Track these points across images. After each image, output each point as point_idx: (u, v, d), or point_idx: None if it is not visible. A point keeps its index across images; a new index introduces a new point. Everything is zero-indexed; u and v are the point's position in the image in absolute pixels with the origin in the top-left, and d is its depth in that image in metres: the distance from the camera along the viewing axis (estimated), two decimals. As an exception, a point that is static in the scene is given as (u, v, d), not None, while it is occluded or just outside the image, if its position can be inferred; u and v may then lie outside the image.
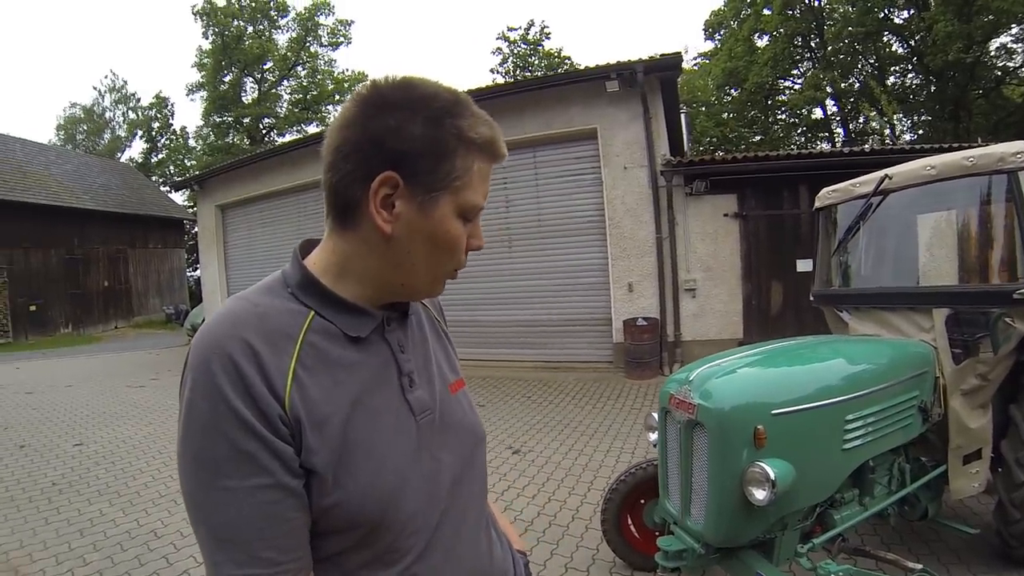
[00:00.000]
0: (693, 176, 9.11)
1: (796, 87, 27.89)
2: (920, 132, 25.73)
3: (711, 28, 30.30)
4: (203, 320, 8.92)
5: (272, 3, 34.07)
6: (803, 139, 29.55)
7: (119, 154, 37.83)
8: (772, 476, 2.08)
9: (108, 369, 12.79)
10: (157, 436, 6.83)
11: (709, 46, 31.72)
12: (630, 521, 3.29)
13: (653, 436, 2.77)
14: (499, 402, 7.75)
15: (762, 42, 27.51)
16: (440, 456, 0.91)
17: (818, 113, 29.03)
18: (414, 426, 0.88)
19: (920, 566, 2.36)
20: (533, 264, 10.33)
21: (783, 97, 28.98)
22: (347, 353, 0.84)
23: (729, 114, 29.97)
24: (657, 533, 3.00)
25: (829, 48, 25.86)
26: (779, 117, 30.16)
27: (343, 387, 0.82)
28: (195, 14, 32.76)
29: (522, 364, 10.11)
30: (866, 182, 3.56)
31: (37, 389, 10.40)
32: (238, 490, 0.72)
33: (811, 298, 4.00)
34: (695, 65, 33.40)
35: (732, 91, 29.49)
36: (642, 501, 3.26)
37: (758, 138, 29.29)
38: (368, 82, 0.85)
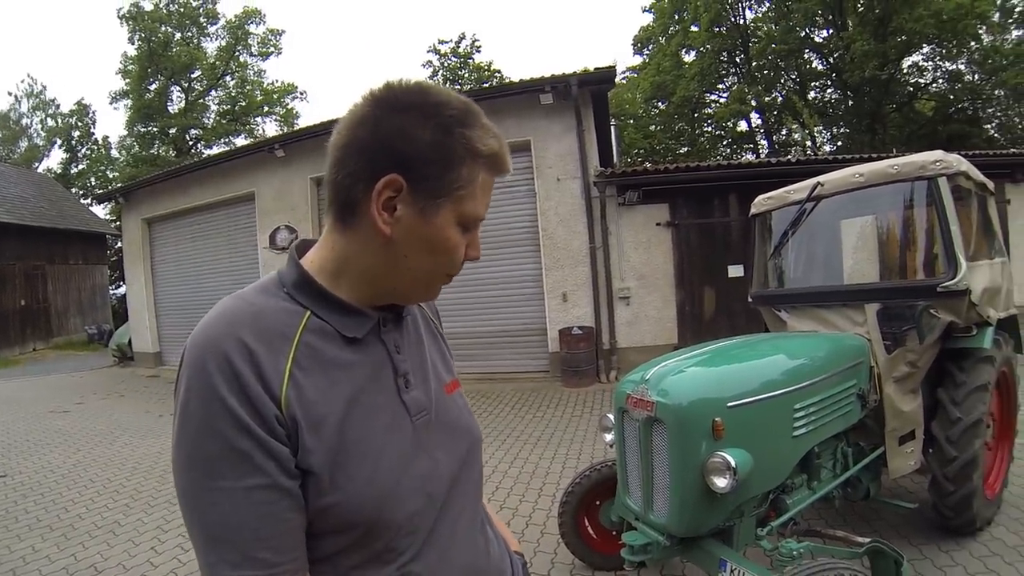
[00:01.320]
0: (626, 187, 9.36)
1: (722, 101, 28.96)
2: (839, 143, 26.98)
3: (640, 43, 31.05)
4: (129, 340, 8.63)
5: (201, 10, 33.14)
6: (729, 151, 30.61)
7: (36, 164, 35.82)
8: (733, 464, 2.21)
9: (28, 394, 12.14)
10: (87, 464, 6.53)
11: (638, 60, 32.51)
12: (587, 522, 3.37)
13: (609, 436, 2.87)
14: (437, 413, 7.69)
15: (689, 57, 28.37)
16: (436, 456, 0.92)
17: (743, 126, 30.12)
18: (410, 426, 0.89)
19: (869, 539, 2.51)
20: (468, 276, 10.16)
21: (709, 110, 30.00)
22: (343, 353, 0.85)
23: (657, 126, 30.69)
24: (615, 532, 3.14)
25: (754, 64, 26.97)
26: (706, 129, 31.10)
27: (339, 387, 0.82)
28: (121, 18, 31.41)
29: (461, 376, 9.98)
30: (799, 189, 3.80)
31: None
32: (233, 490, 0.72)
33: (749, 300, 4.19)
34: (623, 79, 33.99)
35: (660, 104, 30.22)
36: (597, 502, 3.34)
37: (685, 150, 30.06)
38: (382, 83, 0.86)
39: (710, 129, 31.02)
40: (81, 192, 33.34)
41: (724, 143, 30.99)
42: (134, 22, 31.36)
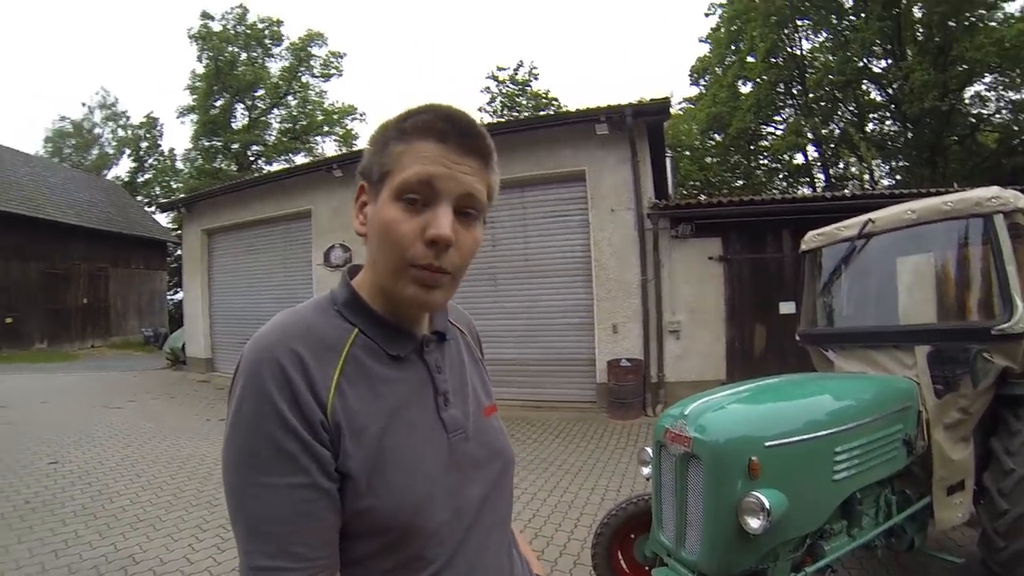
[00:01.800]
0: (679, 219, 9.28)
1: (778, 133, 28.45)
2: (898, 177, 26.26)
3: (696, 74, 30.96)
4: (183, 345, 9.00)
5: (267, 31, 34.42)
6: (785, 184, 30.10)
7: (106, 171, 37.52)
8: (767, 505, 2.17)
9: (84, 388, 12.62)
10: (135, 459, 6.76)
11: (695, 91, 32.32)
12: (620, 556, 3.32)
13: (646, 470, 2.84)
14: (482, 439, 7.73)
15: (746, 88, 28.07)
16: (469, 473, 0.95)
17: (800, 159, 29.61)
18: (446, 442, 0.93)
19: None
20: (518, 303, 10.40)
21: (765, 142, 29.58)
22: (387, 370, 0.90)
23: (713, 158, 30.39)
24: (647, 568, 3.07)
25: (810, 95, 26.47)
26: (762, 162, 30.65)
27: (382, 400, 0.87)
28: (191, 38, 33.10)
29: (506, 402, 10.09)
30: (850, 226, 3.72)
31: (11, 403, 10.25)
32: (276, 486, 0.77)
33: (797, 338, 4.11)
34: (680, 109, 33.83)
35: (716, 136, 29.94)
36: (632, 536, 3.29)
37: (740, 182, 29.72)
38: None
39: (766, 162, 30.56)
40: (146, 200, 34.74)
41: (780, 176, 30.52)
42: (203, 42, 32.92)
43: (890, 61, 24.32)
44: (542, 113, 28.02)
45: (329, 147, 37.49)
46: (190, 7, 56.95)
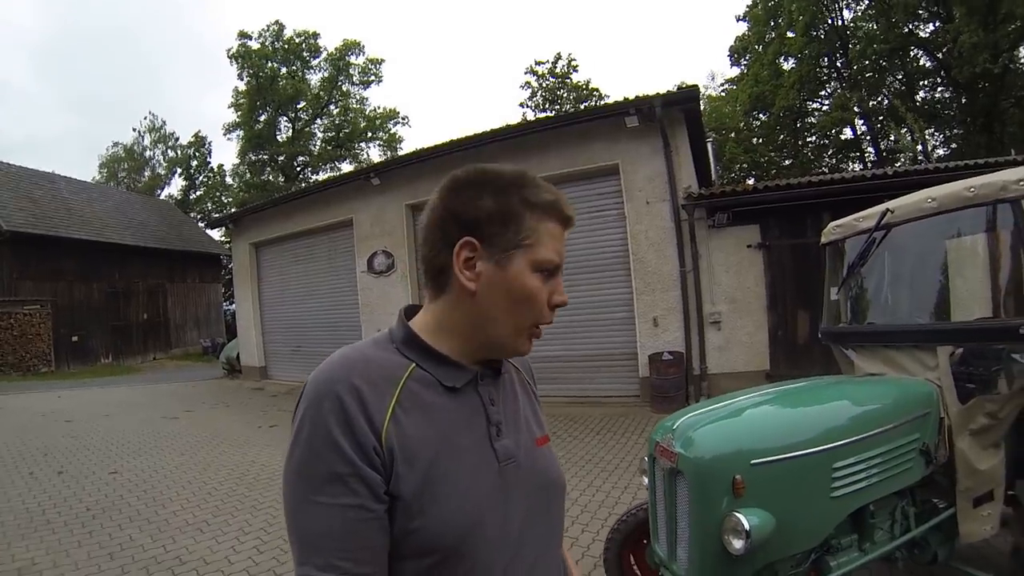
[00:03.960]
0: (715, 208, 9.12)
1: (824, 108, 27.67)
2: (954, 146, 25.19)
3: (736, 54, 30.11)
4: (237, 354, 9.48)
5: (304, 45, 35.22)
6: (834, 160, 29.12)
7: (159, 191, 39.22)
8: (747, 527, 2.10)
9: (145, 400, 13.13)
10: (188, 467, 7.04)
11: (735, 72, 31.59)
12: (633, 560, 3.25)
13: (646, 480, 2.78)
14: (525, 439, 7.76)
15: (788, 65, 27.27)
16: (519, 501, 0.99)
17: (848, 133, 28.62)
18: (496, 470, 0.97)
19: None
20: (559, 300, 10.36)
21: (812, 119, 28.67)
22: (442, 400, 0.95)
23: (758, 139, 29.60)
24: (659, 574, 2.99)
25: (855, 67, 25.55)
26: (809, 140, 29.74)
27: (435, 427, 0.92)
28: (231, 57, 34.19)
29: (551, 399, 10.08)
30: (868, 216, 3.47)
31: (76, 418, 10.73)
32: (329, 506, 0.83)
33: (819, 336, 3.94)
34: (723, 91, 33.19)
35: (760, 116, 29.19)
36: (644, 541, 3.19)
37: (788, 162, 28.89)
38: (450, 175, 1.02)
39: (814, 139, 29.57)
40: (199, 216, 36.03)
41: (829, 153, 29.54)
42: (243, 60, 33.96)
43: (937, 24, 23.29)
44: (584, 105, 27.93)
45: (373, 152, 38.26)
46: (229, 27, 59.26)
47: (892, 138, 26.73)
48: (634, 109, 9.20)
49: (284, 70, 35.29)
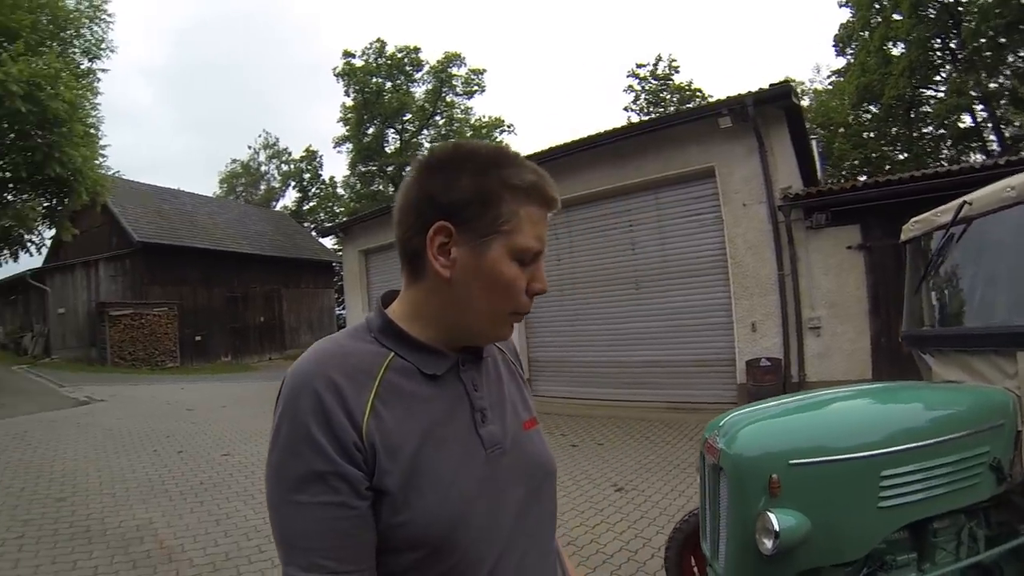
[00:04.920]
0: (812, 208, 8.85)
1: (939, 95, 25.55)
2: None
3: (841, 42, 28.40)
4: None
5: (407, 59, 36.55)
6: (953, 152, 26.94)
7: (274, 203, 42.10)
8: (776, 527, 2.05)
9: (259, 395, 14.22)
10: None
11: (841, 63, 29.88)
12: (693, 562, 3.16)
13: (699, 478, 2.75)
14: (618, 441, 7.95)
15: (896, 50, 25.26)
16: (508, 488, 0.96)
17: (967, 121, 26.11)
18: (483, 458, 0.94)
19: None
20: (659, 305, 10.46)
21: (927, 108, 26.49)
22: (423, 389, 0.92)
23: (869, 133, 27.83)
24: None
25: (969, 47, 23.08)
26: (924, 130, 27.48)
27: (417, 418, 0.89)
28: (337, 75, 36.12)
29: (648, 405, 10.18)
30: (946, 210, 3.20)
31: (197, 407, 12.05)
32: (309, 504, 0.81)
33: (900, 339, 3.72)
34: (829, 84, 31.62)
35: (870, 108, 27.33)
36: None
37: (903, 156, 26.97)
38: (427, 150, 1.03)
39: (930, 129, 27.25)
40: (312, 225, 38.17)
41: (947, 144, 27.21)
42: (348, 78, 35.68)
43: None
44: (688, 106, 27.49)
45: None
46: (334, 48, 62.29)
47: (1016, 123, 24.64)
48: (726, 109, 9.12)
49: (389, 84, 36.70)
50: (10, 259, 16.59)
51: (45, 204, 15.47)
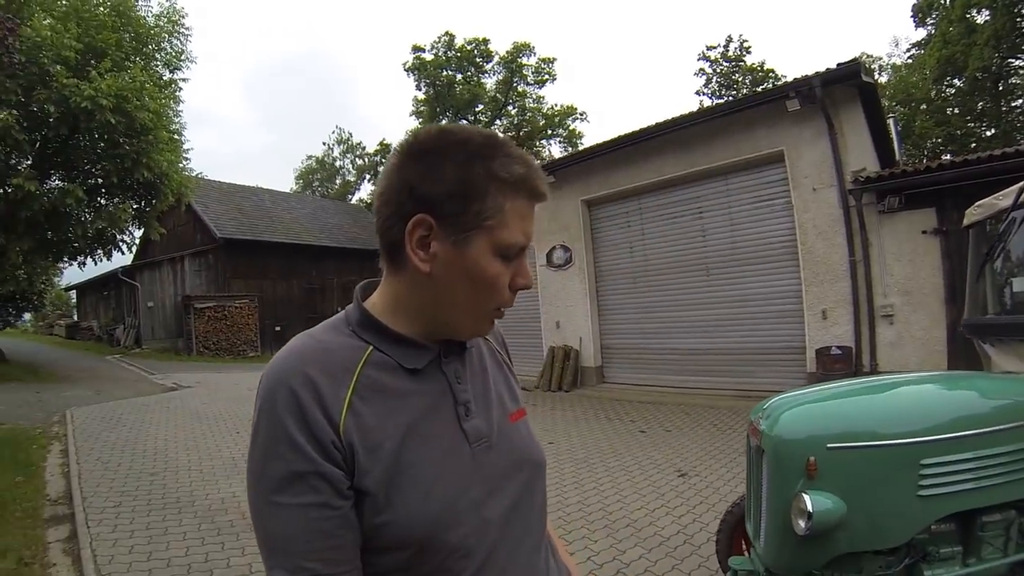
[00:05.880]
0: (885, 192, 8.51)
1: (1030, 64, 23.87)
2: None
3: (921, 12, 26.66)
4: None
5: (476, 51, 37.00)
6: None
7: (349, 196, 43.30)
8: (809, 508, 2.09)
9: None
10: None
11: (921, 34, 28.28)
12: (744, 545, 3.11)
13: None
14: (686, 428, 8.01)
15: (981, 18, 23.34)
16: (495, 483, 0.94)
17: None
18: (468, 452, 0.92)
19: None
20: (729, 292, 10.41)
21: (1015, 80, 24.81)
22: (403, 383, 0.89)
23: (953, 109, 26.30)
24: None
25: None
26: (1014, 104, 25.72)
27: (397, 414, 0.86)
28: (407, 70, 37.03)
29: (718, 392, 10.17)
30: (1008, 194, 3.15)
31: None
32: (289, 506, 0.79)
33: (960, 328, 3.65)
34: (908, 59, 30.13)
35: (954, 82, 25.84)
36: None
37: (991, 132, 25.42)
38: (408, 133, 0.93)
39: (1020, 103, 25.56)
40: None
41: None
42: (419, 71, 36.46)
43: None
44: (760, 88, 26.93)
45: (555, 149, 39.55)
46: (403, 43, 63.48)
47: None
48: (793, 92, 8.95)
49: (459, 76, 37.28)
50: (104, 258, 17.79)
51: (135, 206, 16.54)
